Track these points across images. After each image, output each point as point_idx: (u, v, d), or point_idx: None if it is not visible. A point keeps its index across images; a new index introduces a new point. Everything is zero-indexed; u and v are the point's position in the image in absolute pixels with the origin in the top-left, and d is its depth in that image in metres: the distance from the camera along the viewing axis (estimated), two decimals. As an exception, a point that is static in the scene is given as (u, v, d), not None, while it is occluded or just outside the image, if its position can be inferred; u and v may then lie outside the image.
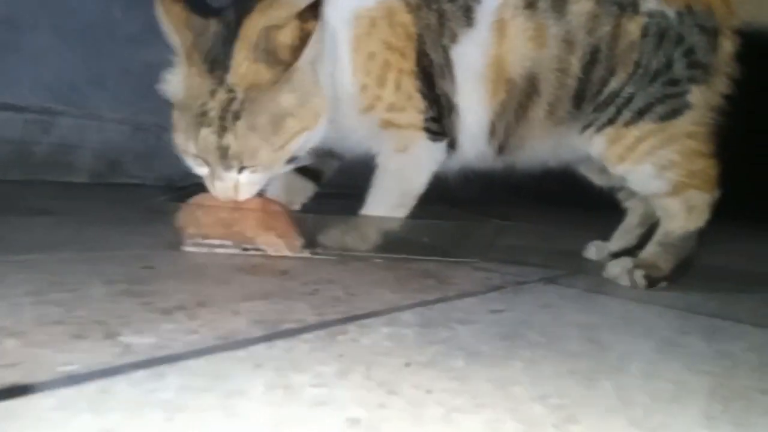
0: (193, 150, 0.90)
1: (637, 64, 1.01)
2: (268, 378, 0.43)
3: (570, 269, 1.09)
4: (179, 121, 0.91)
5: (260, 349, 0.50)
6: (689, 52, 1.00)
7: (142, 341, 0.48)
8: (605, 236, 1.27)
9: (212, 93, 0.87)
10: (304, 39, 0.88)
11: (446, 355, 0.53)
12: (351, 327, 0.58)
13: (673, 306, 0.86)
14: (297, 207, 1.11)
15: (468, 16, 1.02)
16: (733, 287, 1.09)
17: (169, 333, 0.51)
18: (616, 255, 1.15)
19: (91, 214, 1.25)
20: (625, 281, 1.00)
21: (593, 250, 1.28)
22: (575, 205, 1.29)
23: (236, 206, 0.92)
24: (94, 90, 1.86)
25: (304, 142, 0.93)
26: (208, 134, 0.87)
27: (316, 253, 0.96)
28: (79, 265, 0.75)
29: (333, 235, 1.00)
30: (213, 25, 0.91)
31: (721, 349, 0.65)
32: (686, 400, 0.48)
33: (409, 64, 1.01)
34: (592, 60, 1.02)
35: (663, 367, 0.56)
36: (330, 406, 0.40)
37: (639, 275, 0.99)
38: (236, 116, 0.87)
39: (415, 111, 1.03)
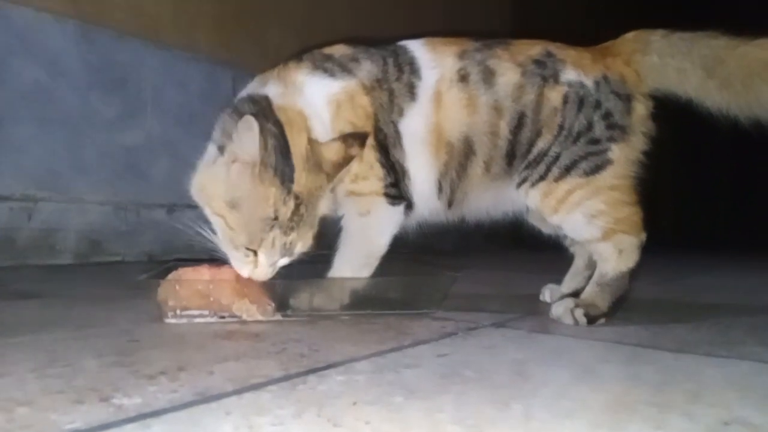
0: (246, 244, 1.02)
1: (561, 127, 1.16)
2: (235, 422, 0.54)
3: (523, 312, 1.21)
4: (238, 220, 1.02)
5: (231, 400, 0.60)
6: (607, 116, 1.15)
7: (131, 402, 0.58)
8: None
9: (284, 201, 1.02)
10: (347, 160, 1.08)
11: (389, 394, 0.63)
12: (311, 377, 0.69)
13: (605, 339, 0.97)
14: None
15: (411, 92, 1.17)
16: (665, 318, 1.20)
17: (154, 394, 0.61)
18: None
19: (77, 294, 1.34)
20: (568, 320, 1.11)
21: (547, 293, 1.40)
22: (544, 249, 1.41)
23: (212, 277, 1.03)
24: (75, 174, 1.97)
25: None
26: (277, 234, 1.02)
27: (287, 316, 1.07)
28: (72, 342, 0.85)
29: (302, 298, 1.11)
30: (269, 140, 1.03)
31: (631, 373, 0.76)
32: (579, 414, 0.58)
33: (369, 139, 1.15)
34: (519, 124, 1.17)
35: (571, 390, 0.67)
36: (284, 438, 0.50)
37: (579, 314, 1.11)
38: (301, 219, 1.05)
39: (376, 179, 1.17)
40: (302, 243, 1.07)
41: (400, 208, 1.20)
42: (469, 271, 2.17)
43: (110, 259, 2.03)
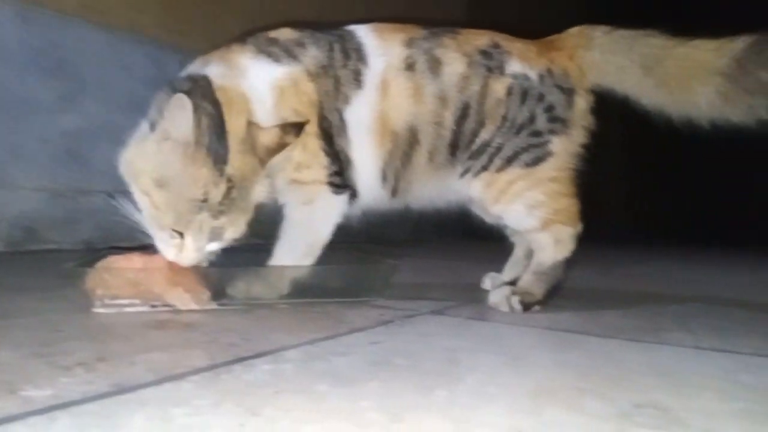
0: (172, 225, 0.99)
1: (504, 119, 1.17)
2: (149, 413, 0.52)
3: (462, 300, 1.22)
4: (165, 200, 0.98)
5: (148, 391, 0.58)
6: (549, 108, 1.17)
7: (41, 394, 0.56)
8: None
9: (215, 183, 0.99)
10: (281, 147, 1.05)
11: (315, 382, 0.63)
12: (237, 367, 0.67)
13: (537, 325, 0.99)
14: (205, 263, 1.19)
15: (358, 79, 1.16)
16: (597, 305, 1.24)
17: (67, 385, 0.59)
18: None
19: (6, 283, 1.28)
20: (504, 307, 1.13)
21: (488, 281, 1.42)
22: (494, 238, 1.42)
23: (144, 266, 1.00)
24: (10, 159, 1.88)
25: None
26: (206, 217, 0.99)
27: (224, 305, 1.04)
28: (-10, 333, 0.81)
29: (240, 286, 1.09)
30: (203, 120, 1.00)
31: (557, 358, 0.78)
32: (501, 400, 0.59)
33: (313, 127, 1.14)
34: (463, 114, 1.17)
35: (498, 377, 0.68)
36: (196, 429, 0.49)
37: (515, 301, 1.13)
38: (233, 203, 1.01)
39: (319, 167, 1.15)
40: (233, 229, 1.04)
41: (344, 197, 1.19)
42: (416, 259, 2.18)
43: (46, 247, 1.95)
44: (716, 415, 0.57)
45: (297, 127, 1.07)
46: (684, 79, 1.13)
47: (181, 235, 1.00)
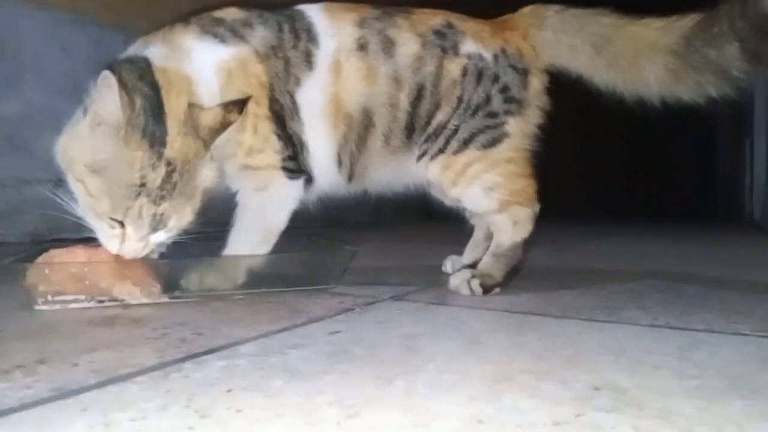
0: (109, 213, 0.94)
1: (460, 100, 1.15)
2: (91, 419, 0.49)
3: (424, 284, 1.21)
4: (100, 186, 0.94)
5: (91, 395, 0.55)
6: (505, 89, 1.16)
7: (-28, 403, 0.52)
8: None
9: (153, 167, 0.94)
10: (224, 126, 1.01)
11: (269, 378, 0.61)
12: (187, 365, 0.65)
13: (497, 308, 0.99)
14: (155, 255, 1.14)
15: (309, 60, 1.12)
16: (555, 285, 1.25)
17: (4, 391, 0.55)
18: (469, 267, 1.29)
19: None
20: (465, 291, 1.13)
21: (449, 264, 1.42)
22: (455, 220, 1.42)
23: (88, 259, 0.95)
24: (-55, 148, 1.78)
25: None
26: (145, 203, 0.94)
27: (176, 297, 1.01)
28: None
29: (192, 278, 1.05)
30: (138, 101, 0.96)
31: (515, 342, 0.78)
32: (461, 387, 0.58)
33: (264, 110, 1.10)
34: (418, 96, 1.15)
35: (457, 363, 0.67)
36: (141, 435, 0.46)
37: (475, 284, 1.12)
38: (173, 187, 0.96)
39: (272, 152, 1.12)
40: (177, 216, 0.99)
41: (299, 182, 1.16)
42: (378, 243, 2.17)
43: (-13, 241, 1.85)
44: (672, 393, 0.58)
45: (239, 105, 1.03)
46: (633, 57, 1.13)
47: (121, 224, 0.95)
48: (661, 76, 1.11)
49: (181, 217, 1.00)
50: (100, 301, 0.95)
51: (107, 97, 0.91)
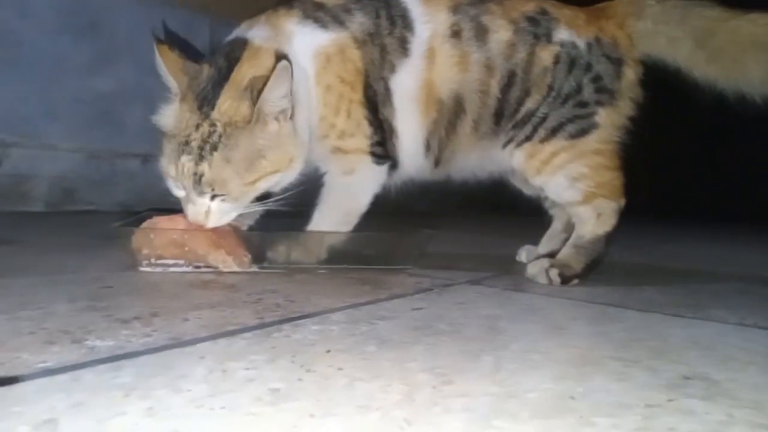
0: (173, 173, 1.00)
1: (550, 88, 1.15)
2: (208, 366, 0.54)
3: (498, 272, 1.22)
4: (166, 148, 1.02)
5: (205, 346, 0.60)
6: (597, 79, 1.15)
7: (104, 344, 0.58)
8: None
9: (197, 126, 0.99)
10: (267, 80, 0.98)
11: (362, 343, 0.64)
12: (285, 326, 0.69)
13: (576, 298, 0.99)
14: (245, 227, 1.21)
15: (404, 47, 1.15)
16: (635, 281, 1.23)
17: (127, 337, 0.61)
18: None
19: (49, 242, 1.32)
20: (542, 279, 1.13)
21: (524, 254, 1.41)
22: (520, 214, 1.42)
23: (187, 227, 1.02)
24: (46, 120, 1.92)
25: (275, 182, 1.05)
26: (186, 161, 0.98)
27: (264, 268, 1.06)
28: (43, 287, 0.84)
29: (280, 251, 1.11)
30: (206, 70, 1.03)
31: (598, 330, 0.78)
32: (547, 367, 0.60)
33: (358, 95, 1.13)
34: (509, 83, 1.16)
35: (540, 345, 0.69)
36: (256, 382, 0.50)
37: (554, 273, 1.12)
38: (214, 147, 0.98)
39: (362, 136, 1.15)
40: (220, 180, 0.98)
41: (384, 168, 1.19)
42: (446, 231, 2.18)
43: (83, 208, 1.99)
44: (764, 389, 0.57)
45: (282, 57, 1.01)
46: (737, 53, 1.10)
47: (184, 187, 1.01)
48: (765, 74, 1.07)
49: (223, 182, 0.98)
50: (197, 267, 1.01)
51: (161, 68, 1.01)
